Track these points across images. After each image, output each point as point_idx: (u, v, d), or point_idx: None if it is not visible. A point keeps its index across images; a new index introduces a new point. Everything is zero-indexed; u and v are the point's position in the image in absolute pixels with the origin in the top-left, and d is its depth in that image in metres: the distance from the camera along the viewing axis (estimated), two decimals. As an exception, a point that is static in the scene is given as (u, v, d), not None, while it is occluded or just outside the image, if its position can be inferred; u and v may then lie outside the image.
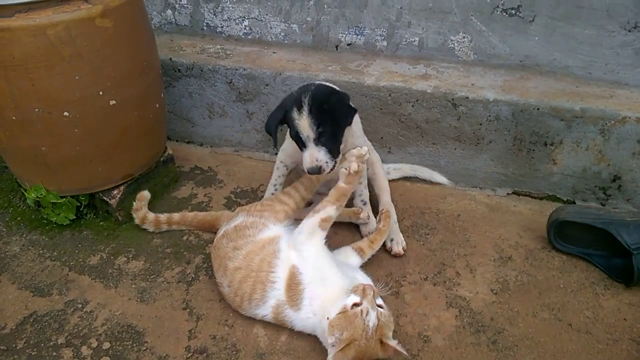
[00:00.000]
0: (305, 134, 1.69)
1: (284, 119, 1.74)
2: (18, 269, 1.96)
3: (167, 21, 2.84)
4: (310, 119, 1.67)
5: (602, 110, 2.07)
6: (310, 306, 1.57)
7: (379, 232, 1.93)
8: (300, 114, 1.67)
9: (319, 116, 1.67)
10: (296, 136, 1.72)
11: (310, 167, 1.70)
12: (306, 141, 1.70)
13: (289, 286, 1.60)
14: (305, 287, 1.58)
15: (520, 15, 2.26)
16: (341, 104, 1.74)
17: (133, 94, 1.99)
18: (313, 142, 1.69)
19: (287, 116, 1.72)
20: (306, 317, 1.58)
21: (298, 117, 1.68)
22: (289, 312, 1.60)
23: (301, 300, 1.57)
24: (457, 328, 1.70)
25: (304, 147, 1.72)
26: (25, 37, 1.67)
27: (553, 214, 1.99)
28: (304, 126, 1.68)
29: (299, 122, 1.68)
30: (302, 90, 1.72)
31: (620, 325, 1.70)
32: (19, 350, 1.64)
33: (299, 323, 1.61)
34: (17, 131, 1.87)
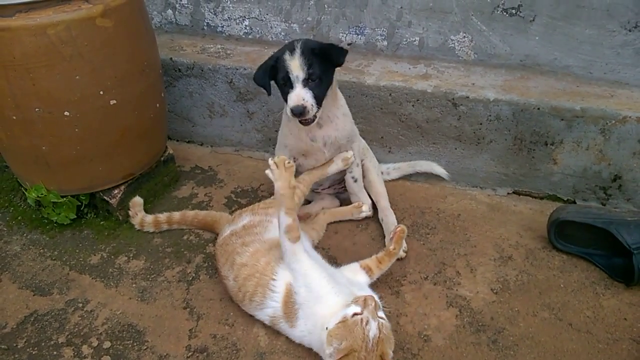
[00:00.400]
0: (294, 74, 1.72)
1: (275, 66, 1.76)
2: (19, 268, 1.96)
3: (168, 21, 2.84)
4: (302, 59, 1.71)
5: (603, 110, 2.07)
6: (305, 325, 1.53)
7: (388, 254, 1.77)
8: (292, 55, 1.71)
9: (310, 57, 1.72)
10: (284, 78, 1.74)
11: (294, 105, 1.71)
12: (294, 81, 1.72)
13: (285, 303, 1.57)
14: (300, 308, 1.54)
15: (521, 14, 2.26)
16: (332, 46, 1.80)
17: (133, 93, 1.99)
18: (302, 82, 1.73)
19: (279, 62, 1.75)
20: (301, 335, 1.56)
21: (290, 58, 1.71)
22: (284, 325, 1.59)
23: (297, 319, 1.54)
24: (457, 327, 1.70)
25: (291, 88, 1.74)
26: (26, 37, 1.68)
27: (553, 214, 1.99)
28: (294, 66, 1.71)
29: (290, 62, 1.71)
30: (295, 40, 1.77)
31: (620, 325, 1.70)
32: (20, 350, 1.64)
33: (295, 337, 1.60)
34: (18, 131, 1.87)
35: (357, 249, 2.03)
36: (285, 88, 1.76)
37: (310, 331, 1.52)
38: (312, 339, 1.53)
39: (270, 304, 1.60)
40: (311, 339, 1.54)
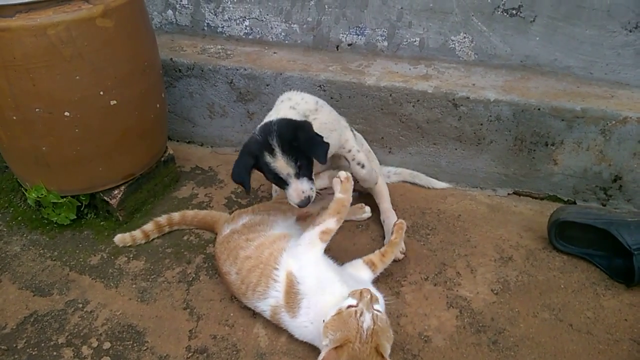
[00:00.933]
0: (285, 173, 1.67)
1: (256, 166, 1.71)
2: (19, 268, 1.96)
3: (168, 21, 2.84)
4: (286, 158, 1.66)
5: (603, 111, 2.07)
6: (307, 315, 1.54)
7: (390, 245, 1.82)
8: (274, 157, 1.66)
9: (293, 153, 1.66)
10: (275, 178, 1.71)
11: (299, 201, 1.69)
12: (287, 178, 1.69)
13: (287, 293, 1.58)
14: (303, 298, 1.55)
15: (521, 15, 2.26)
16: (311, 138, 1.70)
17: (134, 94, 1.99)
18: (294, 177, 1.69)
19: (260, 163, 1.69)
20: (302, 325, 1.56)
21: (273, 160, 1.66)
22: (285, 316, 1.58)
23: (299, 308, 1.55)
24: (457, 328, 1.70)
25: (286, 184, 1.70)
26: (26, 37, 1.68)
27: (554, 214, 1.98)
28: (281, 167, 1.66)
29: (275, 164, 1.66)
30: (265, 132, 1.69)
31: (621, 326, 1.70)
32: (20, 350, 1.64)
33: (295, 329, 1.59)
34: (18, 131, 1.87)
35: (358, 248, 2.03)
36: (279, 184, 1.73)
37: (312, 321, 1.53)
38: (313, 329, 1.52)
39: (273, 294, 1.61)
40: (312, 330, 1.53)
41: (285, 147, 1.65)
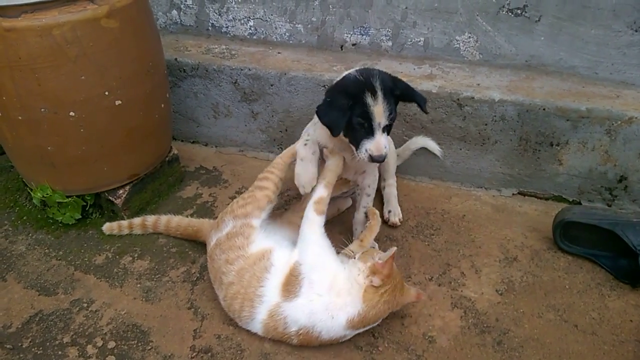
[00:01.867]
0: (377, 121, 1.60)
1: (353, 104, 1.61)
2: (24, 268, 1.97)
3: (173, 21, 2.85)
4: (385, 104, 1.59)
5: (609, 111, 2.06)
6: (311, 290, 1.54)
7: (369, 230, 1.86)
8: (375, 99, 1.59)
9: (391, 102, 1.61)
10: (362, 124, 1.61)
11: (378, 154, 1.62)
12: (376, 129, 1.61)
13: (287, 282, 1.57)
14: (304, 277, 1.56)
15: (526, 15, 2.25)
16: (413, 90, 1.70)
17: (139, 94, 2.00)
18: (382, 129, 1.62)
19: (357, 103, 1.60)
20: (308, 300, 1.53)
21: (373, 103, 1.58)
22: (283, 307, 1.55)
23: (300, 288, 1.55)
24: (462, 329, 1.70)
25: (370, 135, 1.62)
26: (32, 38, 1.68)
27: (559, 215, 1.98)
28: (378, 112, 1.59)
29: (373, 108, 1.58)
30: (368, 74, 1.64)
31: (626, 327, 1.69)
32: (25, 349, 1.65)
33: (296, 312, 1.54)
34: (23, 131, 1.88)
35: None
36: (361, 132, 1.63)
37: (320, 294, 1.54)
38: (321, 301, 1.53)
39: (260, 309, 1.58)
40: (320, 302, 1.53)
41: (387, 92, 1.61)
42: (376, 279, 1.52)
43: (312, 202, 1.68)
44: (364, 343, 1.65)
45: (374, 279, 1.52)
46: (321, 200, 1.68)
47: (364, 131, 1.63)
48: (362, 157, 1.65)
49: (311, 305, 1.53)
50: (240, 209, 1.80)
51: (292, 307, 1.55)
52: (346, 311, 1.52)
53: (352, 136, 1.68)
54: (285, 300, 1.56)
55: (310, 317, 1.53)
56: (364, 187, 1.95)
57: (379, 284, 1.52)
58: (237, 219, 1.78)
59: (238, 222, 1.77)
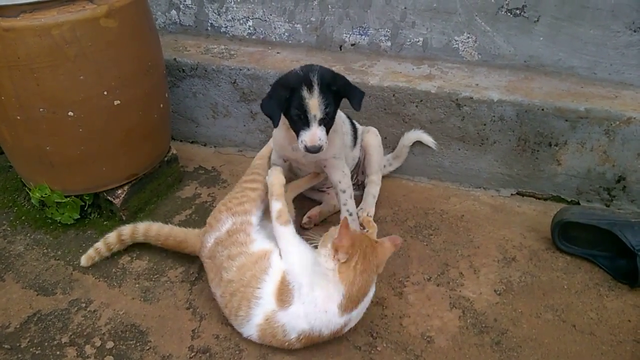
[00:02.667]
0: (312, 114, 1.68)
1: (289, 98, 1.70)
2: (22, 268, 1.97)
3: (172, 21, 2.85)
4: (320, 97, 1.67)
5: (607, 111, 2.06)
6: (300, 295, 1.53)
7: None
8: (311, 94, 1.67)
9: (327, 96, 1.68)
10: (299, 115, 1.70)
11: (311, 145, 1.70)
12: (311, 120, 1.69)
13: (280, 291, 1.56)
14: (294, 285, 1.55)
15: (525, 15, 2.26)
16: (350, 86, 1.76)
17: (137, 94, 2.00)
18: (318, 122, 1.70)
19: (293, 97, 1.69)
20: (301, 305, 1.53)
21: (309, 97, 1.67)
22: (280, 315, 1.54)
23: (292, 296, 1.54)
24: (460, 329, 1.70)
25: (306, 126, 1.70)
26: (30, 37, 1.68)
27: (557, 215, 1.98)
28: (313, 105, 1.67)
29: (309, 101, 1.67)
30: (307, 70, 1.71)
31: (624, 327, 1.69)
32: (23, 349, 1.65)
33: (294, 319, 1.53)
34: (22, 131, 1.88)
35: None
36: (298, 124, 1.72)
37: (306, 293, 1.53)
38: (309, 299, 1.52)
39: (257, 312, 1.57)
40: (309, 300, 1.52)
41: (324, 87, 1.68)
42: (341, 254, 1.49)
43: (274, 219, 1.70)
44: (363, 343, 1.65)
45: (339, 256, 1.49)
46: (280, 213, 1.70)
47: (300, 122, 1.71)
48: (300, 147, 1.74)
49: (304, 307, 1.53)
50: (239, 207, 1.80)
51: (288, 315, 1.54)
52: (334, 299, 1.50)
53: (293, 127, 1.77)
54: (281, 309, 1.54)
55: (307, 319, 1.52)
56: (336, 184, 1.99)
57: (346, 257, 1.49)
58: (236, 215, 1.78)
59: (238, 218, 1.77)
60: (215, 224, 1.80)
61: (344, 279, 1.49)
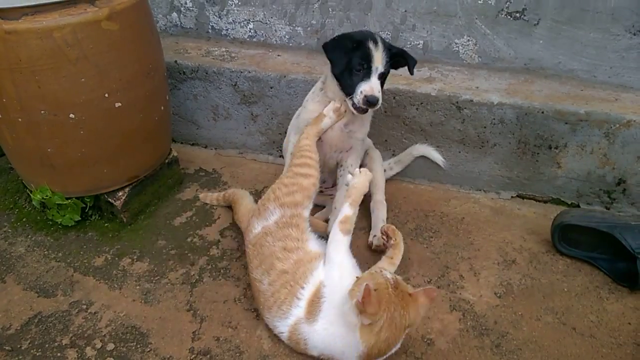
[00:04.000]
0: (375, 65, 1.76)
1: (356, 47, 1.77)
2: (23, 269, 1.97)
3: (173, 24, 2.85)
4: (383, 53, 1.77)
5: (607, 114, 2.07)
6: (327, 317, 1.48)
7: (395, 247, 1.75)
8: (376, 46, 1.76)
9: (387, 54, 1.79)
10: (362, 65, 1.77)
11: (371, 94, 1.75)
12: (373, 72, 1.77)
13: (311, 301, 1.53)
14: (325, 300, 1.50)
15: (525, 18, 2.26)
16: (406, 52, 1.89)
17: (138, 96, 2.00)
18: (377, 75, 1.78)
19: (360, 46, 1.77)
20: (322, 328, 1.48)
21: (374, 48, 1.75)
22: (305, 328, 1.52)
23: (320, 312, 1.49)
24: (460, 331, 1.70)
25: (367, 77, 1.77)
26: (32, 40, 1.69)
27: (557, 218, 1.98)
28: (377, 57, 1.76)
29: (374, 52, 1.75)
30: (369, 32, 1.83)
31: (624, 330, 1.69)
32: (24, 351, 1.65)
33: (315, 336, 1.51)
34: (23, 133, 1.88)
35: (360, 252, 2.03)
36: (357, 75, 1.78)
37: (332, 322, 1.47)
38: (332, 331, 1.46)
39: (294, 312, 1.55)
40: (331, 332, 1.47)
41: (386, 45, 1.80)
42: (364, 318, 1.36)
43: (337, 222, 1.63)
44: (363, 345, 1.65)
45: (362, 319, 1.37)
46: (347, 219, 1.63)
47: (361, 74, 1.78)
48: (357, 100, 1.78)
49: (326, 334, 1.49)
50: (287, 197, 1.74)
51: (311, 331, 1.51)
52: (352, 349, 1.42)
53: (349, 81, 1.81)
54: (307, 321, 1.52)
55: (327, 347, 1.50)
56: (347, 166, 2.02)
57: (368, 322, 1.37)
58: (284, 207, 1.73)
59: (287, 211, 1.72)
60: (263, 212, 1.77)
61: (365, 340, 1.39)
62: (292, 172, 1.81)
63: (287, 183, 1.78)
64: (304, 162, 1.80)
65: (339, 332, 1.45)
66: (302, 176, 1.78)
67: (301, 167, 1.80)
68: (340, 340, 1.46)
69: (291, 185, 1.77)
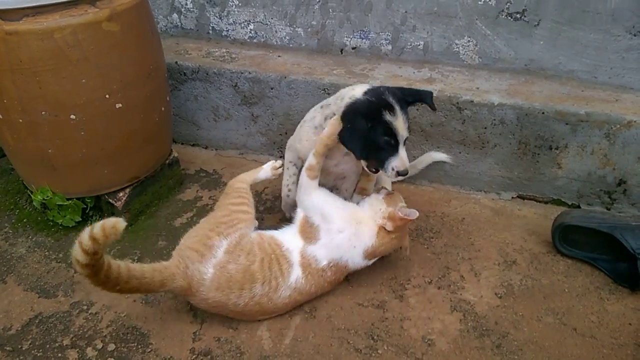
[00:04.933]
0: (401, 134, 1.60)
1: (373, 125, 1.58)
2: (24, 270, 1.97)
3: (173, 25, 2.86)
4: (403, 116, 1.60)
5: (608, 115, 2.07)
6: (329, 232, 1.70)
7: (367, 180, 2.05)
8: (394, 115, 1.57)
9: (406, 113, 1.62)
10: (388, 141, 1.61)
11: (404, 169, 1.64)
12: (400, 144, 1.62)
13: (303, 229, 1.74)
14: (319, 225, 1.72)
15: (525, 19, 2.26)
16: (418, 91, 1.75)
17: (139, 97, 2.00)
18: (403, 142, 1.64)
19: (377, 122, 1.58)
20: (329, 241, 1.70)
21: (393, 119, 1.57)
22: (309, 249, 1.70)
23: (318, 233, 1.71)
24: (461, 332, 1.70)
25: (395, 150, 1.62)
26: (33, 41, 1.69)
27: (558, 218, 1.98)
28: (400, 127, 1.59)
29: (395, 123, 1.58)
30: (378, 93, 1.63)
31: (625, 330, 1.69)
32: (25, 352, 1.65)
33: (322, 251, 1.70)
34: (24, 134, 1.88)
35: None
36: (386, 150, 1.62)
37: (340, 229, 1.71)
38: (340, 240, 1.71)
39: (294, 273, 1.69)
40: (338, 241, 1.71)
41: (403, 105, 1.60)
42: (390, 224, 1.70)
43: (304, 170, 1.79)
44: (363, 346, 1.65)
45: (387, 224, 1.70)
46: (311, 167, 1.77)
47: (389, 148, 1.63)
48: (388, 174, 1.68)
49: (334, 241, 1.71)
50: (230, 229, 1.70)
51: (317, 248, 1.71)
52: (364, 242, 1.72)
53: (376, 156, 1.67)
54: (310, 244, 1.71)
55: (337, 250, 1.72)
56: (342, 190, 2.01)
57: (391, 229, 1.71)
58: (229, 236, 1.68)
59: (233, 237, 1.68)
60: (206, 253, 1.63)
61: (379, 237, 1.72)
62: (227, 209, 1.78)
63: (225, 220, 1.73)
64: (241, 202, 1.81)
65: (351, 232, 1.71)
66: (241, 212, 1.77)
67: (238, 205, 1.80)
68: (354, 237, 1.72)
69: (231, 220, 1.72)
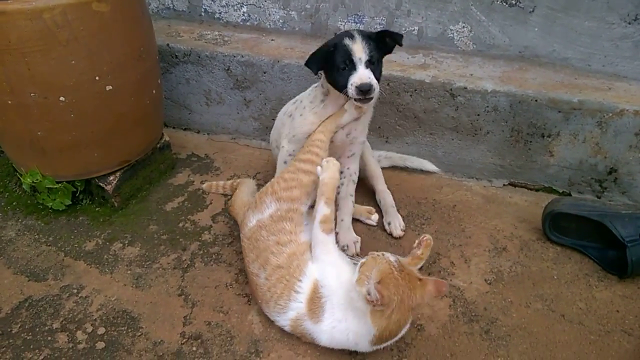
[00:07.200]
0: (357, 56, 1.72)
1: (332, 52, 1.75)
2: (14, 253, 1.96)
3: (165, 6, 2.82)
4: (363, 43, 1.72)
5: (600, 103, 2.07)
6: (333, 315, 1.49)
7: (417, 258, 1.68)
8: (353, 40, 1.72)
9: (369, 42, 1.74)
10: (345, 61, 1.73)
11: (362, 82, 1.70)
12: (357, 63, 1.72)
13: (311, 299, 1.52)
14: (327, 300, 1.50)
15: (521, 5, 2.25)
16: (387, 30, 1.82)
17: (129, 79, 1.98)
18: (364, 64, 1.72)
19: (337, 47, 1.74)
20: (331, 327, 1.49)
21: (351, 42, 1.72)
22: (308, 324, 1.52)
23: (323, 312, 1.50)
24: (450, 317, 1.72)
25: (354, 70, 1.73)
26: (22, 21, 1.66)
27: (548, 206, 1.99)
28: (357, 49, 1.72)
29: (352, 46, 1.72)
30: (347, 30, 1.80)
31: (612, 317, 1.71)
32: (14, 335, 1.65)
33: (321, 334, 1.52)
34: (13, 116, 1.86)
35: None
36: (346, 71, 1.74)
37: (340, 319, 1.48)
38: (341, 327, 1.48)
39: (293, 306, 1.54)
40: (340, 328, 1.48)
41: (365, 36, 1.75)
42: (377, 306, 1.39)
43: (317, 223, 1.61)
44: (354, 331, 1.65)
45: (376, 306, 1.39)
46: (326, 219, 1.61)
47: (347, 70, 1.73)
48: (351, 93, 1.73)
49: (334, 331, 1.49)
50: (285, 192, 1.71)
51: (318, 331, 1.52)
52: (365, 336, 1.45)
53: (341, 80, 1.76)
54: (311, 320, 1.52)
55: (338, 341, 1.51)
56: (351, 173, 2.00)
57: (382, 308, 1.39)
58: (281, 201, 1.70)
59: (283, 205, 1.69)
60: (260, 205, 1.73)
61: (376, 323, 1.42)
62: (294, 167, 1.77)
63: (287, 178, 1.74)
64: (309, 159, 1.76)
65: (349, 326, 1.47)
66: (303, 172, 1.73)
67: (305, 163, 1.76)
68: (352, 333, 1.47)
69: (290, 181, 1.73)
